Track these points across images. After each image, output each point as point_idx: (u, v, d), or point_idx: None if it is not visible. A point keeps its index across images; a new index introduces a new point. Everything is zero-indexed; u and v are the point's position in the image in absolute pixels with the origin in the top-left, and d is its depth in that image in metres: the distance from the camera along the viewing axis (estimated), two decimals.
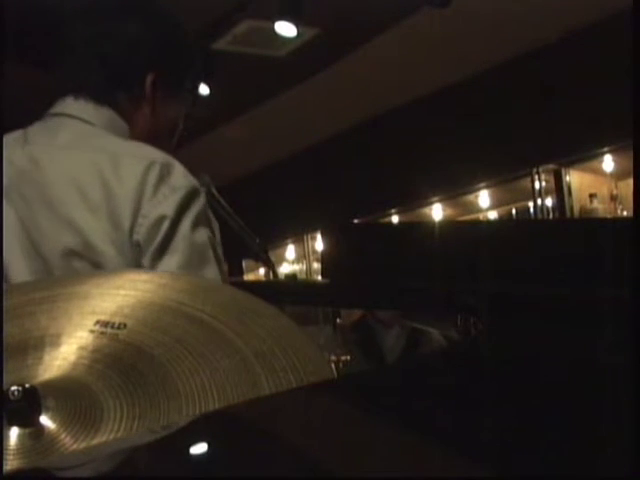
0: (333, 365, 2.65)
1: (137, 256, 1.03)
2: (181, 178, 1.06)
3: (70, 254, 1.03)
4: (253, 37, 3.92)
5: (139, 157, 1.06)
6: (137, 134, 1.18)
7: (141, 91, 1.19)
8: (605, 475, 0.32)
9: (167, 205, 1.03)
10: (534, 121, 4.12)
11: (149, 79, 1.19)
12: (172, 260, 1.02)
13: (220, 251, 1.08)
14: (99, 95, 1.16)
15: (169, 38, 1.24)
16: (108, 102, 1.17)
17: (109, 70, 1.17)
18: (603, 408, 0.38)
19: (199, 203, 1.06)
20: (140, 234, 1.02)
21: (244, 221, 1.43)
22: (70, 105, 1.16)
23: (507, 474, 0.33)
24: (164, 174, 1.05)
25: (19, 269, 1.04)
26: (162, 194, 1.04)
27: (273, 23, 3.65)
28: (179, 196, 1.04)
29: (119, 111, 1.18)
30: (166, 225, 1.03)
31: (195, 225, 1.04)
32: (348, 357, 2.71)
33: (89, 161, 1.06)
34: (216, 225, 1.11)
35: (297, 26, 3.63)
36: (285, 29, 3.67)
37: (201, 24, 3.57)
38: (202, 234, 1.05)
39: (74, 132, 1.12)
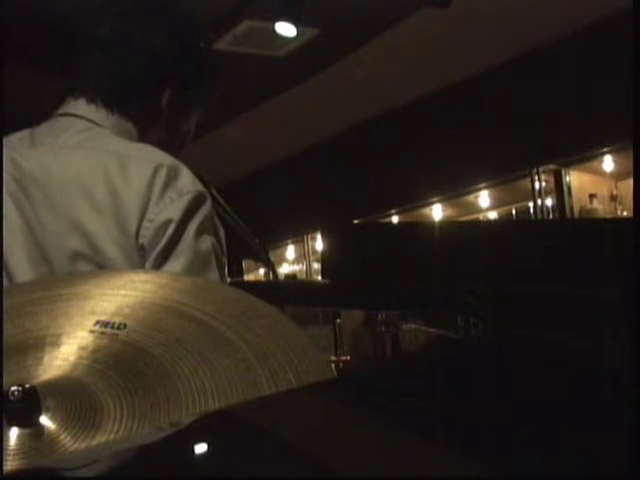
0: (333, 365, 2.65)
1: (143, 260, 1.01)
2: (188, 182, 1.04)
3: (77, 257, 1.01)
4: (253, 37, 3.92)
5: (146, 160, 1.04)
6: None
7: (156, 106, 1.16)
8: (605, 475, 0.32)
9: (173, 209, 1.01)
10: (534, 121, 4.13)
11: (166, 95, 1.15)
12: (175, 265, 1.01)
13: (224, 258, 1.07)
14: (111, 101, 1.13)
15: (192, 53, 1.19)
16: (119, 110, 1.13)
17: (122, 77, 1.13)
18: (604, 408, 0.38)
19: (205, 209, 1.05)
20: (146, 238, 1.01)
21: (244, 221, 1.43)
22: (79, 106, 1.13)
23: (507, 474, 0.33)
24: (171, 177, 1.03)
25: (23, 271, 1.02)
26: (169, 198, 1.02)
27: (273, 23, 3.65)
28: (186, 201, 1.02)
29: (131, 121, 1.14)
30: (171, 229, 1.01)
31: (200, 232, 1.03)
32: (348, 357, 2.70)
33: (95, 162, 1.04)
34: (222, 231, 1.09)
35: (297, 26, 3.63)
36: (285, 29, 3.67)
37: (201, 24, 3.56)
38: (206, 241, 1.04)
39: (81, 132, 1.09)
